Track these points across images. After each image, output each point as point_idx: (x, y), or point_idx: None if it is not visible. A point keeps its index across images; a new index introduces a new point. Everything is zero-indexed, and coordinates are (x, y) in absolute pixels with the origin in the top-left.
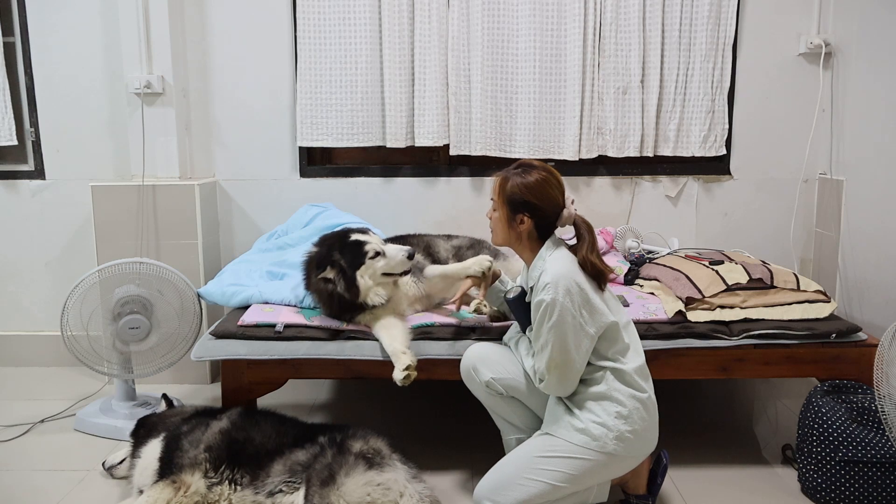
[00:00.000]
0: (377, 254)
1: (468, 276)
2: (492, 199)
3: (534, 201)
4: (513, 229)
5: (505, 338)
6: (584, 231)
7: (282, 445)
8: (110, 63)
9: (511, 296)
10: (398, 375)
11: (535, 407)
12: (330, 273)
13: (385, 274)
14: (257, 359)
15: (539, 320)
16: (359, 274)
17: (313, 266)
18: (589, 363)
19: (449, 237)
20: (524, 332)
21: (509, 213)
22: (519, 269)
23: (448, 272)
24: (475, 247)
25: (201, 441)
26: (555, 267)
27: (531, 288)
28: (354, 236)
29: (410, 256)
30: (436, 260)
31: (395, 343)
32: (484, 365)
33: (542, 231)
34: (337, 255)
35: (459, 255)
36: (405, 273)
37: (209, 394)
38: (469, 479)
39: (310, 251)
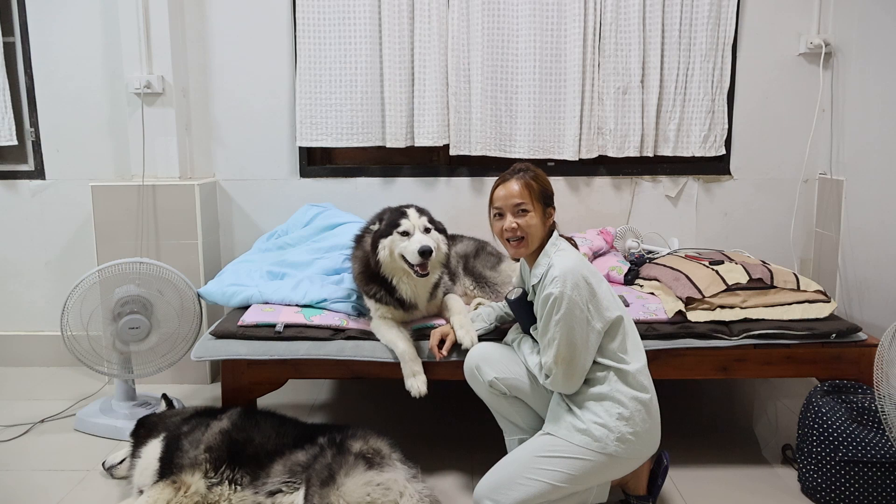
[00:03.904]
0: (405, 233)
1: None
2: (521, 206)
3: (553, 191)
4: (545, 227)
5: (506, 339)
6: None
7: (282, 446)
8: (110, 63)
9: (512, 297)
10: (423, 390)
11: (538, 407)
12: (374, 226)
13: (403, 259)
14: (257, 359)
15: (547, 314)
16: (381, 244)
17: (371, 221)
18: (594, 361)
19: (453, 239)
20: (526, 333)
21: (543, 210)
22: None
23: (452, 316)
24: (480, 253)
25: (201, 441)
26: (563, 262)
27: (532, 287)
28: (408, 210)
29: (423, 253)
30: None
31: (417, 361)
32: (487, 364)
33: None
34: (386, 215)
35: (468, 266)
36: (419, 272)
37: (209, 394)
38: (469, 480)
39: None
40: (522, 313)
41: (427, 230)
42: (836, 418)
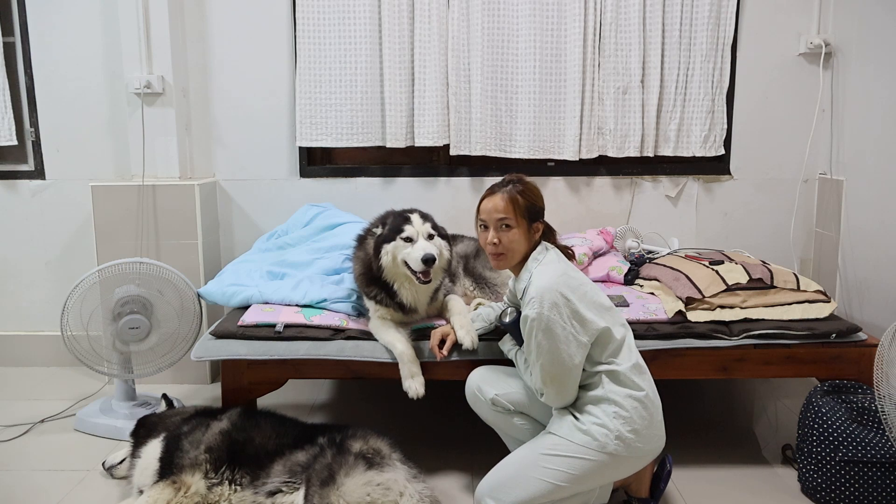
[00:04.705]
0: (409, 239)
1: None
2: (504, 221)
3: (543, 205)
4: (529, 242)
5: (502, 344)
6: None
7: (282, 446)
8: (110, 63)
9: (507, 319)
10: (420, 391)
11: (542, 416)
12: (377, 229)
13: (406, 265)
14: (257, 359)
15: (527, 336)
16: (384, 249)
17: (374, 224)
18: (584, 369)
19: (454, 238)
20: (520, 347)
21: (527, 225)
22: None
23: (453, 316)
24: (480, 253)
25: (201, 441)
26: (540, 281)
27: (521, 299)
28: (411, 216)
29: (426, 261)
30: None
31: (415, 362)
32: (487, 384)
33: (544, 234)
34: (390, 219)
35: (468, 267)
36: (422, 279)
37: (209, 394)
38: (469, 480)
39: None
40: (518, 333)
41: (430, 236)
42: (836, 418)
